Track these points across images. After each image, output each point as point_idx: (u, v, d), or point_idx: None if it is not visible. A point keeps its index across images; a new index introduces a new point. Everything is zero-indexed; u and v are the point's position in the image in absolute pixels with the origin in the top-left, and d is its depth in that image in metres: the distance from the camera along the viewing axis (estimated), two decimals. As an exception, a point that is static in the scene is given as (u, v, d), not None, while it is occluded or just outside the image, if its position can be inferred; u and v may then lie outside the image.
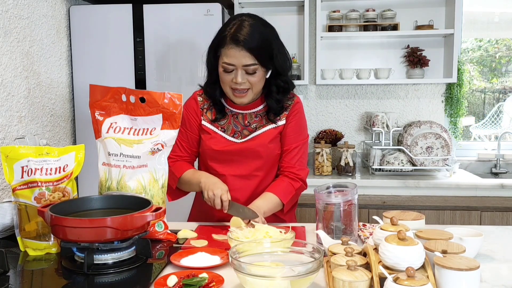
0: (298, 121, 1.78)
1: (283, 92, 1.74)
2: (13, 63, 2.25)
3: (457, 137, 3.26)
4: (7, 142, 2.17)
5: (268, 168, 1.77)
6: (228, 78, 1.65)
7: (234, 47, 1.60)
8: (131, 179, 1.52)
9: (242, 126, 1.75)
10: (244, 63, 1.61)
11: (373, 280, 1.07)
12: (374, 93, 3.32)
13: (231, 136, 1.75)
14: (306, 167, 1.81)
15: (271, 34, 1.68)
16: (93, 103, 1.59)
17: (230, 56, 1.61)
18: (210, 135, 1.76)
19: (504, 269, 1.28)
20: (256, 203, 1.65)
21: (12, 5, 2.24)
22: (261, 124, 1.75)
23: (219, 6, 2.68)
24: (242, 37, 1.59)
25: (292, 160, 1.76)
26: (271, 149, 1.74)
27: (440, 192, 2.74)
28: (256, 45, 1.60)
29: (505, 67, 3.66)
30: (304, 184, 1.78)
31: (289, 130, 1.76)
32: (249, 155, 1.73)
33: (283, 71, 1.71)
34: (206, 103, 1.79)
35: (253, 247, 1.21)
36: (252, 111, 1.76)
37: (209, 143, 1.75)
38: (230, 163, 1.73)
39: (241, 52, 1.60)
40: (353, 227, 1.45)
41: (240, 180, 1.73)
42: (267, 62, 1.65)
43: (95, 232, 1.23)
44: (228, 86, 1.67)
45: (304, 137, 1.80)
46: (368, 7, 3.18)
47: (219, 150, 1.74)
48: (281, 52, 1.70)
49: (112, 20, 2.73)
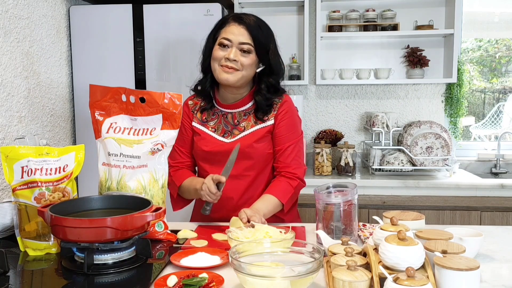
0: (289, 120, 1.77)
1: (273, 92, 1.75)
2: (13, 63, 2.25)
3: (457, 137, 3.26)
4: (7, 142, 2.17)
5: (260, 167, 1.77)
6: (221, 54, 1.66)
7: (236, 25, 1.66)
8: (131, 179, 1.52)
9: (232, 126, 1.76)
10: (241, 40, 1.65)
11: (373, 280, 1.07)
12: (374, 93, 3.32)
13: (221, 136, 1.75)
14: (303, 164, 1.80)
15: (271, 33, 1.74)
16: (93, 103, 1.60)
17: (229, 32, 1.66)
18: (200, 136, 1.77)
19: (504, 269, 1.28)
20: (255, 205, 1.64)
21: (12, 5, 2.24)
22: (249, 122, 1.75)
23: (219, 6, 2.68)
24: (246, 19, 1.67)
25: (287, 159, 1.76)
26: (259, 148, 1.74)
27: (440, 192, 2.74)
28: (256, 30, 1.67)
29: (505, 67, 3.66)
30: (302, 181, 1.77)
31: (281, 129, 1.76)
32: (238, 155, 1.71)
33: (276, 71, 1.74)
34: (197, 104, 1.81)
35: (253, 247, 1.21)
36: (241, 109, 1.77)
37: (199, 144, 1.76)
38: (220, 164, 1.71)
39: (241, 29, 1.65)
40: (353, 227, 1.45)
41: (231, 181, 1.68)
42: (262, 51, 1.68)
43: (95, 232, 1.23)
44: (218, 63, 1.67)
45: (298, 135, 1.80)
46: (368, 7, 3.18)
47: (209, 151, 1.75)
48: (277, 55, 1.75)
49: (112, 20, 2.73)
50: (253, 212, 1.57)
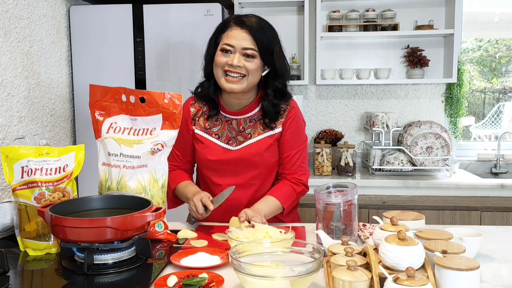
0: (295, 127, 1.73)
1: (280, 97, 1.69)
2: (13, 63, 2.25)
3: (457, 137, 3.26)
4: (7, 142, 2.17)
5: (265, 176, 1.74)
6: (223, 60, 1.59)
7: (238, 29, 1.59)
8: (131, 179, 1.52)
9: (237, 132, 1.71)
10: (244, 46, 1.58)
11: (373, 280, 1.07)
12: (374, 93, 3.32)
13: (225, 143, 1.71)
14: (307, 170, 1.79)
15: (275, 34, 1.67)
16: (93, 103, 1.60)
17: (231, 37, 1.59)
18: (203, 144, 1.72)
19: (504, 269, 1.28)
20: (257, 206, 1.65)
21: (12, 5, 2.24)
22: (255, 130, 1.71)
23: (219, 6, 2.68)
24: (247, 22, 1.60)
25: (293, 167, 1.74)
26: (266, 158, 1.71)
27: (440, 192, 2.74)
28: (259, 33, 1.60)
29: (505, 67, 3.66)
30: (306, 188, 1.78)
31: (288, 137, 1.72)
32: (244, 164, 1.70)
33: (282, 74, 1.68)
34: (199, 111, 1.75)
35: (253, 247, 1.21)
36: (247, 116, 1.72)
37: (203, 152, 1.71)
38: (226, 173, 1.70)
39: (243, 34, 1.59)
40: (353, 227, 1.45)
41: (236, 189, 1.64)
42: (266, 54, 1.62)
43: (95, 232, 1.23)
44: (221, 69, 1.61)
45: (303, 141, 1.77)
46: (368, 7, 3.18)
47: (214, 160, 1.70)
48: (282, 57, 1.68)
49: (112, 20, 2.73)
50: (254, 212, 1.57)
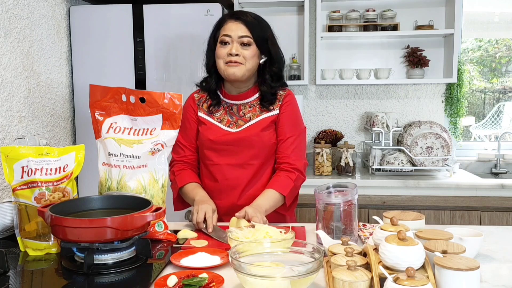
0: (291, 112, 1.82)
1: (277, 79, 1.81)
2: (13, 63, 2.25)
3: (457, 137, 3.26)
4: (7, 142, 2.17)
5: (264, 157, 1.79)
6: (223, 51, 1.73)
7: (232, 21, 1.74)
8: (131, 179, 1.52)
9: (237, 117, 1.81)
10: (239, 34, 1.72)
11: (373, 280, 1.07)
12: (374, 93, 3.32)
13: (226, 126, 1.80)
14: (303, 158, 1.81)
15: (267, 24, 1.80)
16: (93, 103, 1.60)
17: (227, 29, 1.74)
18: (206, 125, 1.82)
19: (504, 269, 1.28)
20: (256, 202, 1.66)
21: (12, 5, 2.24)
22: (254, 113, 1.80)
23: (219, 6, 2.68)
24: (241, 15, 1.76)
25: (287, 150, 1.78)
26: (264, 137, 1.77)
27: (440, 192, 2.74)
28: (253, 23, 1.74)
29: (505, 67, 3.66)
30: (301, 174, 1.78)
31: (283, 120, 1.80)
32: (244, 144, 1.77)
33: (278, 60, 1.80)
34: (203, 97, 1.87)
35: (253, 247, 1.21)
36: (246, 101, 1.82)
37: (206, 133, 1.81)
38: (225, 153, 1.78)
39: (238, 25, 1.73)
40: (353, 227, 1.45)
41: (235, 169, 1.77)
42: (261, 42, 1.74)
43: (95, 232, 1.23)
44: (223, 60, 1.74)
45: (300, 129, 1.83)
46: (368, 7, 3.18)
47: (215, 140, 1.79)
48: (275, 44, 1.80)
49: (112, 20, 2.73)
50: (255, 211, 1.57)
